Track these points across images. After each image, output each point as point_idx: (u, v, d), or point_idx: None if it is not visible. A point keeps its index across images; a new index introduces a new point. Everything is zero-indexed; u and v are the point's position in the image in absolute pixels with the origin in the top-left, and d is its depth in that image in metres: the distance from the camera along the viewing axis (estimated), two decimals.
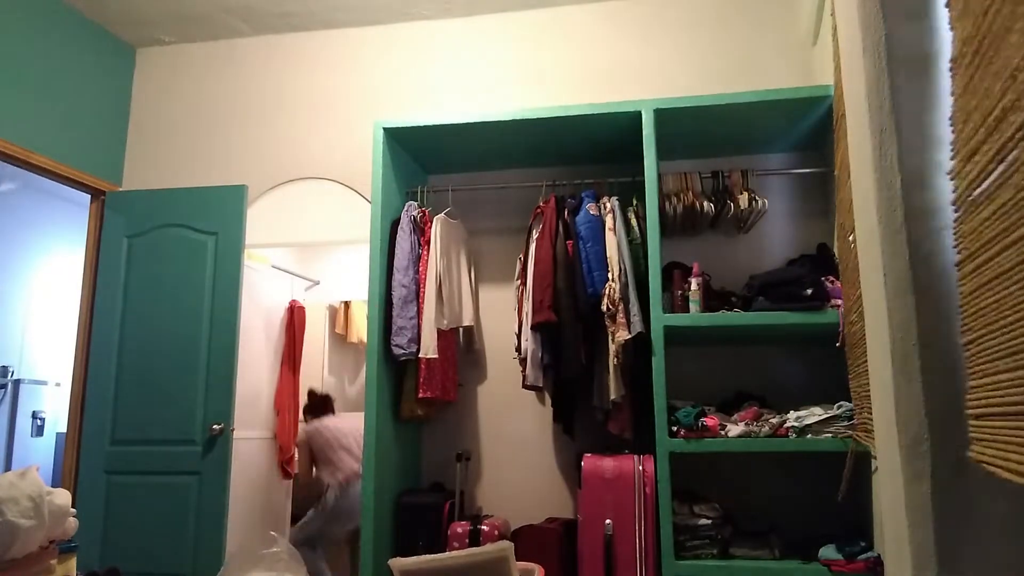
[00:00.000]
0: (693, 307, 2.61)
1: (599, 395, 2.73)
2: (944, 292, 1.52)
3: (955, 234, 1.25)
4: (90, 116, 3.68)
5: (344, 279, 4.80)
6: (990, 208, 1.08)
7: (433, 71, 3.60)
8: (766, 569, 2.39)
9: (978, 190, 1.12)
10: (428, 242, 2.97)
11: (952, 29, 1.19)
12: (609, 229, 2.74)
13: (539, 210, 2.94)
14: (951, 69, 1.21)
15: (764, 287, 2.60)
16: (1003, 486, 1.41)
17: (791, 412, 2.52)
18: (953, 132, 1.22)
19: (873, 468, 2.25)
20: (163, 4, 3.57)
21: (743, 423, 2.52)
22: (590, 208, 2.80)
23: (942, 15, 1.61)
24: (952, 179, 1.23)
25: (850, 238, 2.10)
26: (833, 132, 2.45)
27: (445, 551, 2.70)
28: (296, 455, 4.15)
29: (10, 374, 4.96)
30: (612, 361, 2.61)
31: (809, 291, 2.51)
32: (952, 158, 1.23)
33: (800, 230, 3.03)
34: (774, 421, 2.50)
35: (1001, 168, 1.03)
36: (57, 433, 5.13)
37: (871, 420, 1.91)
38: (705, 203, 2.83)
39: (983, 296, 1.14)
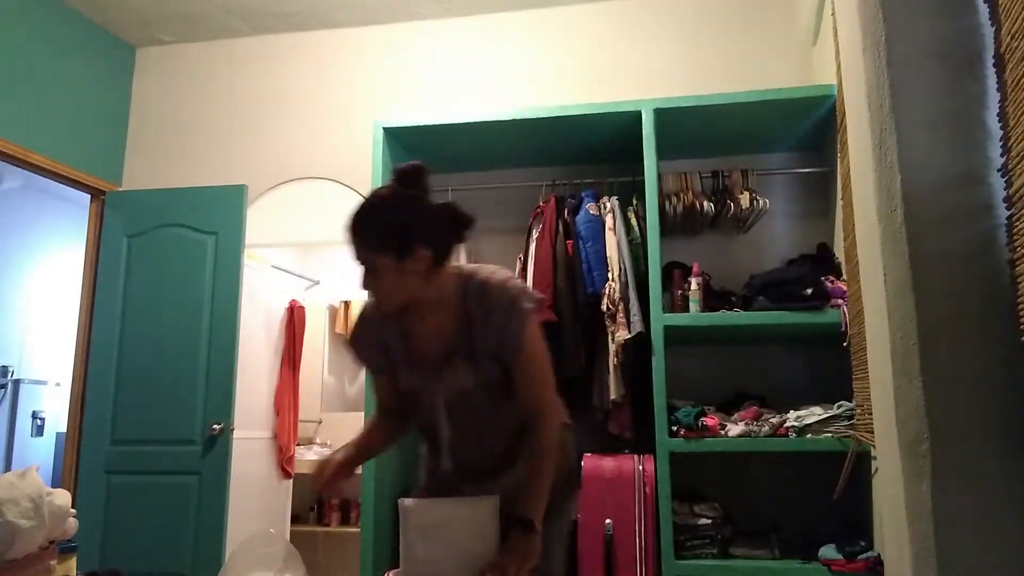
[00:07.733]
0: (693, 307, 2.61)
1: (599, 395, 2.73)
2: (944, 292, 1.52)
3: (1010, 231, 1.29)
4: (90, 116, 3.68)
5: (344, 279, 4.80)
6: None
7: (433, 71, 3.59)
8: (766, 569, 2.39)
9: None
10: None
11: (996, 23, 1.19)
12: (609, 229, 2.74)
13: (539, 210, 2.94)
14: (995, 64, 1.21)
15: (764, 287, 2.60)
16: (1004, 485, 1.41)
17: (791, 412, 2.52)
18: (1003, 128, 1.24)
19: (873, 468, 2.25)
20: (163, 4, 3.57)
21: (743, 423, 2.52)
22: (590, 208, 2.80)
23: (945, 12, 1.60)
24: (1004, 176, 1.26)
25: None
26: (836, 131, 2.45)
27: None
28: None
29: (10, 374, 4.96)
30: (612, 361, 2.61)
31: (809, 291, 2.51)
32: (1003, 154, 1.25)
33: (800, 230, 3.03)
34: (774, 421, 2.50)
35: None
36: (57, 433, 5.12)
37: (872, 420, 1.91)
38: (705, 203, 2.83)
39: None
